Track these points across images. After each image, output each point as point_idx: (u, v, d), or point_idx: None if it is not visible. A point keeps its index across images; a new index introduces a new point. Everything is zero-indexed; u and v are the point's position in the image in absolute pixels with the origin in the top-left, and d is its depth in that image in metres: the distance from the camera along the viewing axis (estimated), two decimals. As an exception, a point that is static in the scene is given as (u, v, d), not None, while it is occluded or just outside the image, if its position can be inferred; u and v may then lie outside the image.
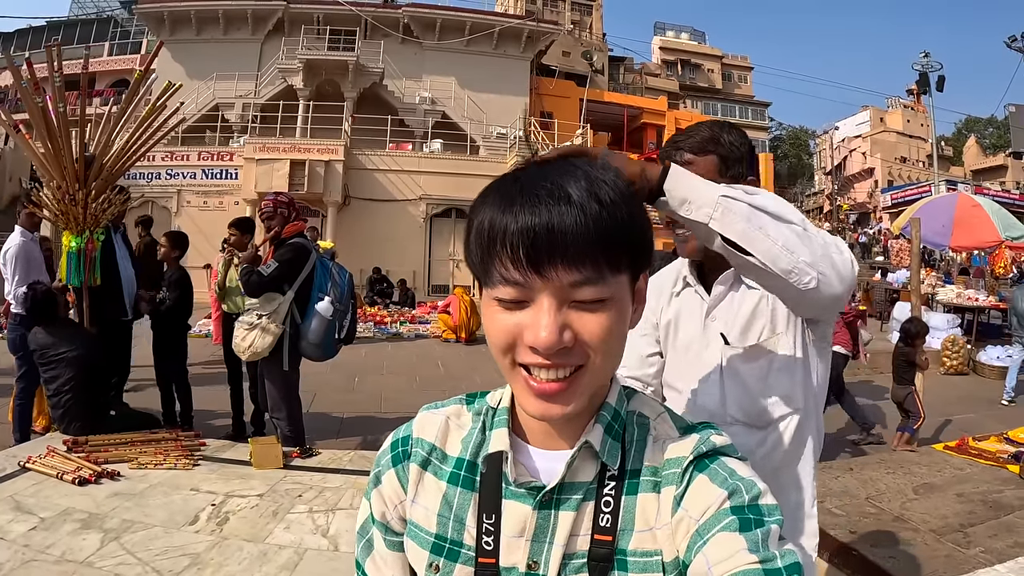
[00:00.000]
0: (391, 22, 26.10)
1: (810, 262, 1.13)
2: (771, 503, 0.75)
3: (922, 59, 36.58)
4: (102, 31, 33.48)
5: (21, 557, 2.92)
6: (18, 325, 5.41)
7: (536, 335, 0.72)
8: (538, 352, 0.73)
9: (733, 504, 0.74)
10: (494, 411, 0.91)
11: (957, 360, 10.17)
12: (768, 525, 0.72)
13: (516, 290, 0.73)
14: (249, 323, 4.73)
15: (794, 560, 0.69)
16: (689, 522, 0.75)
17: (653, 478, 0.81)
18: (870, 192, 46.43)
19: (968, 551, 3.39)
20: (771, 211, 1.13)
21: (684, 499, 0.77)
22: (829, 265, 1.16)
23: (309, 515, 3.53)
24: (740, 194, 1.12)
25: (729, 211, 1.09)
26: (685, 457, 0.79)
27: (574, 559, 0.80)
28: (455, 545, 0.85)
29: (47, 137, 5.01)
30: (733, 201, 1.10)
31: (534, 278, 0.71)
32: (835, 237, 1.24)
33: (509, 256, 0.71)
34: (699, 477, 0.78)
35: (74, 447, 4.25)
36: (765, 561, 0.68)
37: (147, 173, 19.86)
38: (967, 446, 5.05)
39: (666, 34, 46.61)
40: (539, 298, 0.72)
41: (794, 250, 1.12)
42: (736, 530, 0.71)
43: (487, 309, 0.78)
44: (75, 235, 5.07)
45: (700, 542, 0.72)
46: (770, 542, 0.70)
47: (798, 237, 1.14)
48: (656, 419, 0.87)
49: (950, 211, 12.40)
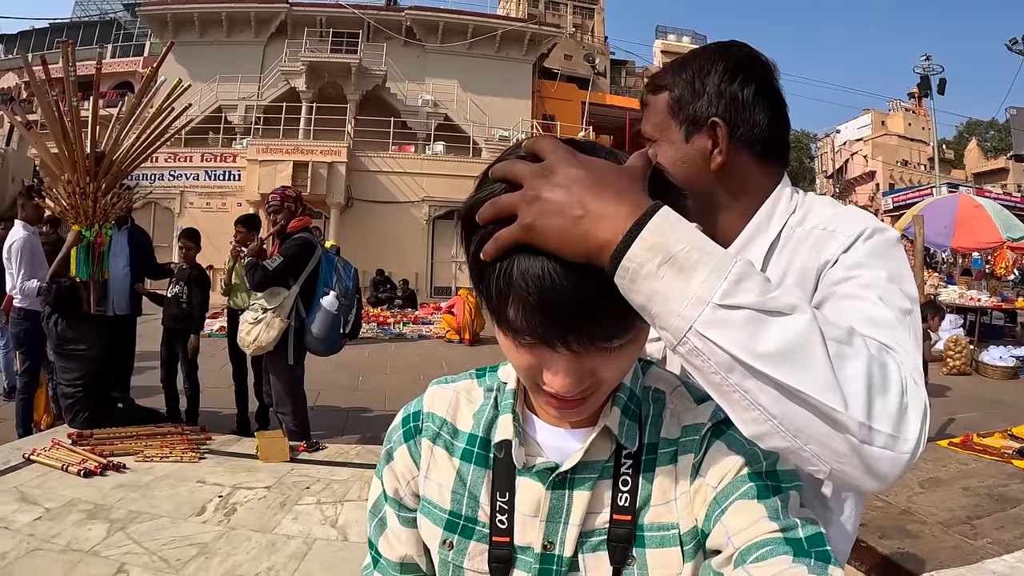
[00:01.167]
0: (394, 25, 26.14)
1: (826, 459, 0.64)
2: (789, 469, 0.73)
3: (923, 62, 36.69)
4: (105, 33, 33.53)
5: (26, 546, 2.93)
6: (22, 319, 5.40)
7: (557, 385, 0.69)
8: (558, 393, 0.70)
9: (751, 470, 0.73)
10: (504, 387, 0.89)
11: (960, 360, 10.15)
12: (787, 491, 0.71)
13: (531, 339, 0.67)
14: (254, 318, 4.74)
15: (816, 531, 0.67)
16: (707, 490, 0.74)
17: (670, 449, 0.80)
18: (872, 195, 46.40)
19: (975, 542, 3.39)
20: (779, 379, 0.61)
21: (701, 466, 0.76)
22: (854, 461, 0.64)
23: (317, 506, 3.53)
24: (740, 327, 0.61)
25: (697, 354, 0.63)
26: (703, 424, 0.78)
27: (592, 537, 0.79)
28: (469, 522, 0.84)
29: (60, 133, 5.06)
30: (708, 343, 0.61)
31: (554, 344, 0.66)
32: (918, 390, 0.70)
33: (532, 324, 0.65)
34: (716, 444, 0.77)
35: (79, 440, 4.26)
36: (786, 530, 0.66)
37: (151, 174, 19.85)
38: (972, 442, 5.06)
39: (668, 38, 46.71)
40: (560, 351, 0.67)
41: (803, 435, 0.63)
42: (754, 497, 0.70)
43: (503, 338, 0.73)
44: (84, 229, 5.10)
45: (719, 510, 0.71)
46: (790, 509, 0.69)
47: (816, 420, 0.62)
48: (672, 392, 0.85)
49: (952, 212, 12.42)
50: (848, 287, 0.95)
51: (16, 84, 33.59)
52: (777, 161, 1.18)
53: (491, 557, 0.82)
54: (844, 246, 0.99)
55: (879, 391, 0.64)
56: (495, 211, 0.65)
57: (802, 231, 1.08)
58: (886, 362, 0.67)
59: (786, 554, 0.64)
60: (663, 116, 1.18)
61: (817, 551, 0.65)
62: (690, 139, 1.14)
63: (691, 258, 0.61)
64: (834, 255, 0.99)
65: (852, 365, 0.63)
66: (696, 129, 1.14)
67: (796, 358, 0.61)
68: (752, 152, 1.14)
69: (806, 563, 0.63)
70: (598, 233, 0.62)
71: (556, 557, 0.79)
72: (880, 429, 0.63)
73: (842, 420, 0.62)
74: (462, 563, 0.84)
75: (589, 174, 0.64)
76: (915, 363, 0.84)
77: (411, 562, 0.93)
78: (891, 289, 0.93)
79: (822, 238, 1.03)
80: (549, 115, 27.51)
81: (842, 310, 0.91)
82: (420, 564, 0.93)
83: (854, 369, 0.63)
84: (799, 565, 0.63)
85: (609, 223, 0.62)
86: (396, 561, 0.93)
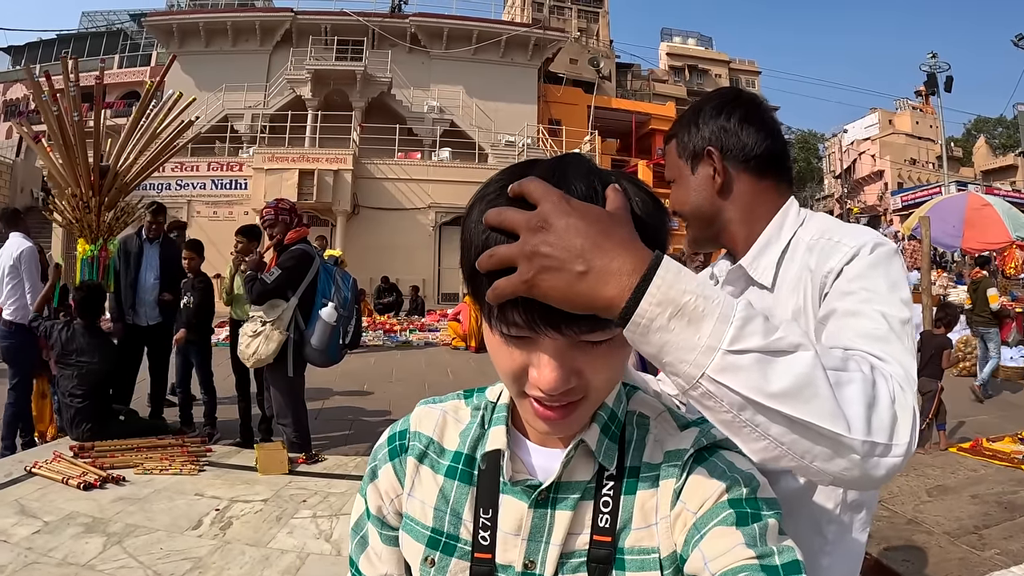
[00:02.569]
0: (398, 32, 26.29)
1: (830, 471, 0.71)
2: (770, 497, 0.74)
3: (929, 60, 36.49)
4: (112, 44, 33.87)
5: (23, 560, 2.95)
6: (11, 334, 5.37)
7: (543, 382, 0.69)
8: (543, 392, 0.70)
9: (731, 497, 0.72)
10: (494, 406, 0.89)
11: (970, 361, 10.09)
12: (765, 519, 0.70)
13: (522, 331, 0.69)
14: (253, 330, 4.73)
15: (792, 558, 0.67)
16: (687, 515, 0.74)
17: (652, 474, 0.80)
18: (880, 195, 46.22)
19: (983, 553, 3.35)
20: (788, 413, 0.66)
21: (683, 492, 0.76)
22: (858, 472, 0.71)
23: (313, 520, 3.52)
24: (750, 368, 0.64)
25: (710, 397, 0.66)
26: (686, 450, 0.78)
27: (572, 559, 0.78)
28: (451, 539, 0.84)
29: (63, 147, 5.09)
30: (721, 387, 0.64)
31: (543, 330, 0.67)
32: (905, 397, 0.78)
33: (518, 310, 0.67)
34: (697, 470, 0.77)
35: (80, 452, 4.28)
36: (762, 557, 0.66)
37: (157, 183, 19.97)
38: (981, 447, 5.01)
39: (673, 40, 46.70)
40: (546, 343, 0.69)
41: (805, 455, 0.69)
42: (733, 524, 0.69)
43: (490, 336, 0.74)
44: (89, 243, 5.15)
45: (697, 536, 0.71)
46: (768, 537, 0.69)
47: (821, 444, 0.68)
48: (656, 418, 0.85)
49: (960, 212, 12.36)
50: (850, 303, 1.06)
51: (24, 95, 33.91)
52: (778, 175, 1.33)
53: (472, 574, 0.82)
54: (848, 257, 1.11)
55: (873, 407, 0.71)
56: (494, 264, 0.65)
57: (810, 240, 1.21)
58: (876, 380, 0.74)
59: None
60: (674, 159, 1.38)
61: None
62: (695, 170, 1.34)
63: (698, 308, 0.62)
64: (839, 264, 1.11)
65: (849, 390, 0.70)
66: (698, 161, 1.33)
67: (803, 393, 0.65)
68: (750, 170, 1.30)
69: None
70: (603, 291, 0.62)
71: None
72: (878, 441, 0.70)
73: (846, 442, 0.68)
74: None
75: (586, 226, 0.63)
76: (905, 370, 0.93)
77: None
78: (891, 300, 1.05)
79: (827, 247, 1.16)
80: (555, 119, 27.58)
81: (843, 328, 1.04)
82: None
83: (852, 393, 0.70)
84: None
85: (615, 280, 0.62)
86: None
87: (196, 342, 6.25)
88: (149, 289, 6.09)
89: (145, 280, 6.09)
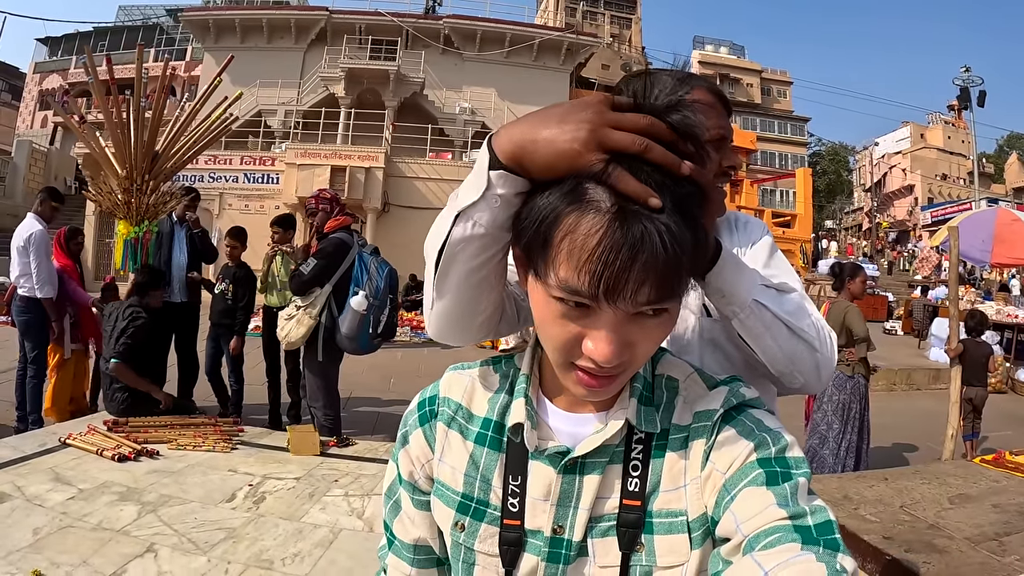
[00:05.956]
0: (432, 33, 26.39)
1: (803, 371, 1.16)
2: (798, 455, 0.74)
3: (963, 73, 36.09)
4: (148, 37, 34.29)
5: (58, 523, 2.99)
6: (26, 309, 5.57)
7: (598, 354, 0.69)
8: (596, 362, 0.70)
9: (759, 456, 0.73)
10: (520, 374, 0.90)
11: (996, 378, 9.95)
12: (796, 478, 0.70)
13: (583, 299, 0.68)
14: (288, 314, 4.90)
15: (825, 518, 0.66)
16: (717, 476, 0.75)
17: (682, 435, 0.81)
18: (910, 210, 45.77)
19: (1003, 559, 3.32)
20: (791, 324, 1.12)
21: (712, 453, 0.77)
22: (815, 374, 1.18)
23: (345, 498, 3.57)
24: (772, 297, 1.12)
25: (754, 316, 1.09)
26: (715, 411, 0.79)
27: (601, 522, 0.80)
28: (481, 504, 0.86)
29: (122, 131, 5.29)
30: (763, 308, 1.09)
31: (606, 301, 0.67)
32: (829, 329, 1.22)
33: (585, 275, 0.65)
34: (726, 430, 0.77)
35: (114, 427, 4.35)
36: (795, 517, 0.66)
37: (191, 175, 20.19)
38: (1004, 460, 4.96)
39: (705, 48, 46.48)
40: (605, 315, 0.68)
41: (796, 361, 1.14)
42: (763, 484, 0.70)
43: (542, 299, 0.73)
44: (133, 224, 5.33)
45: (728, 497, 0.72)
46: (799, 496, 0.69)
47: (805, 349, 1.14)
48: (686, 380, 0.86)
49: (989, 227, 12.14)
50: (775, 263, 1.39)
51: (60, 85, 34.45)
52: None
53: (502, 540, 0.84)
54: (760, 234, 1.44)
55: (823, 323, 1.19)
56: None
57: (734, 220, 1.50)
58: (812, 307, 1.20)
59: (795, 542, 0.63)
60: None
61: (826, 539, 0.64)
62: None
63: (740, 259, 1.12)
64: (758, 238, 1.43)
65: (811, 311, 1.18)
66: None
67: (800, 313, 1.15)
68: None
69: (814, 551, 0.62)
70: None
71: (565, 541, 0.80)
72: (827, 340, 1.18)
73: (814, 344, 1.15)
74: (473, 545, 0.85)
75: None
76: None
77: (424, 544, 0.95)
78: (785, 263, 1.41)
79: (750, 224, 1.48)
80: (585, 124, 27.48)
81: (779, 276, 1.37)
82: (434, 547, 0.95)
83: (814, 313, 1.18)
84: (807, 553, 0.62)
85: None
86: (410, 543, 0.95)
87: (230, 329, 6.30)
88: (181, 268, 6.34)
89: (178, 259, 6.34)
